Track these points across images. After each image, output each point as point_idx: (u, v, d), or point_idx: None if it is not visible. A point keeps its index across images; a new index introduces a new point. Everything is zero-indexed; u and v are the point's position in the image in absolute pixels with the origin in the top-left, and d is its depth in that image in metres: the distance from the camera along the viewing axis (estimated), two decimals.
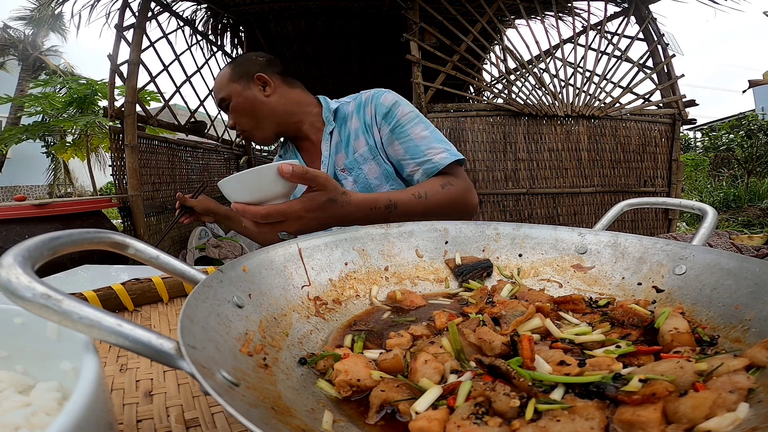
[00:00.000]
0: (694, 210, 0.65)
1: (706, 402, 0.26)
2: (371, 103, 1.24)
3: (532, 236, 0.67)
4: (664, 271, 0.53)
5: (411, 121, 1.19)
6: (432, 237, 0.68)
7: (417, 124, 1.18)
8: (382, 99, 1.23)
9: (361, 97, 1.28)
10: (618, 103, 3.68)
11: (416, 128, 1.18)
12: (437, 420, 0.29)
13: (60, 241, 0.34)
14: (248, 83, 1.23)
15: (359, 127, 1.25)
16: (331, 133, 1.28)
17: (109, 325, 0.26)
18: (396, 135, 1.19)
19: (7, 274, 0.26)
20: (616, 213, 0.71)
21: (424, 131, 1.17)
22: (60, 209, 1.96)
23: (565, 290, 0.60)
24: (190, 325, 0.30)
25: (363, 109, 1.26)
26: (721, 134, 8.63)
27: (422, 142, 1.16)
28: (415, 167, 1.16)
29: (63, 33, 14.18)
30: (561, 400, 0.31)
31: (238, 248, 3.71)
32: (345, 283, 0.58)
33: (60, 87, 8.28)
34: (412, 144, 1.16)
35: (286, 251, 0.54)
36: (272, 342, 0.40)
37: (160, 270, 0.42)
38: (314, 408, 0.32)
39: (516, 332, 0.42)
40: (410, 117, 1.19)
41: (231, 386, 0.27)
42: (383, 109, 1.21)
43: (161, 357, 0.26)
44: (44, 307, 0.25)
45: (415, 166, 1.16)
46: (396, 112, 1.20)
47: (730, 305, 0.43)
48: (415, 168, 1.16)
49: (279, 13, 4.47)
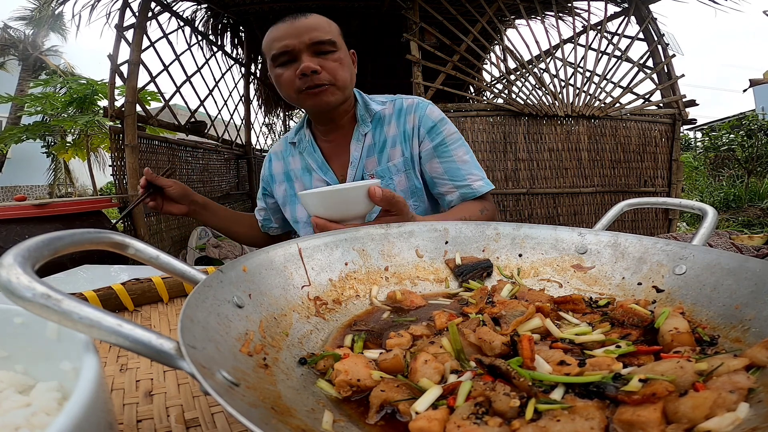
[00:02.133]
0: (694, 210, 0.65)
1: (706, 402, 0.26)
2: (414, 113, 1.21)
3: (532, 236, 0.67)
4: (664, 271, 0.53)
5: (455, 142, 1.20)
6: (432, 237, 0.68)
7: (460, 147, 1.20)
8: (428, 111, 1.21)
9: (402, 103, 1.24)
10: (618, 103, 3.68)
11: (459, 150, 1.19)
12: (437, 420, 0.29)
13: (60, 241, 0.34)
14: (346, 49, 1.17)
15: (398, 135, 1.21)
16: (365, 135, 1.22)
17: (109, 325, 0.26)
18: (438, 153, 1.18)
19: (7, 274, 0.26)
20: (616, 213, 0.71)
21: (466, 155, 1.19)
22: (60, 209, 1.96)
23: (565, 290, 0.60)
24: (190, 325, 0.30)
25: (404, 117, 1.22)
26: (722, 134, 8.63)
27: (464, 166, 1.17)
28: (451, 188, 1.18)
29: (63, 33, 14.20)
30: (561, 400, 0.31)
31: (238, 248, 3.71)
32: (345, 283, 0.58)
33: (60, 87, 8.29)
34: (454, 166, 1.17)
35: (286, 251, 0.54)
36: (272, 342, 0.40)
37: (160, 270, 0.42)
38: (314, 408, 0.32)
39: (516, 332, 0.42)
40: (455, 138, 1.20)
41: (231, 386, 0.27)
42: (429, 122, 1.19)
43: (161, 357, 0.26)
44: (44, 307, 0.25)
45: (452, 187, 1.17)
46: (442, 130, 1.19)
47: (730, 305, 0.43)
48: (452, 189, 1.18)
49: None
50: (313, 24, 1.09)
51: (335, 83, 1.12)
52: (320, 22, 1.11)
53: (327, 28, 1.11)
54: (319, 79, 1.09)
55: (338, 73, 1.12)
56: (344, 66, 1.13)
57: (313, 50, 1.09)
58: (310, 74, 1.07)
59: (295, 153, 1.31)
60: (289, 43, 1.07)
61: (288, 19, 1.10)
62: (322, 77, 1.09)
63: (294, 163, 1.31)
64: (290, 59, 1.10)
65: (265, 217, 1.42)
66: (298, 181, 1.29)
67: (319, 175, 1.26)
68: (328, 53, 1.10)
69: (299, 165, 1.30)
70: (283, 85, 1.13)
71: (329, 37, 1.10)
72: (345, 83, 1.14)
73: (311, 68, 1.06)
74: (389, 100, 1.26)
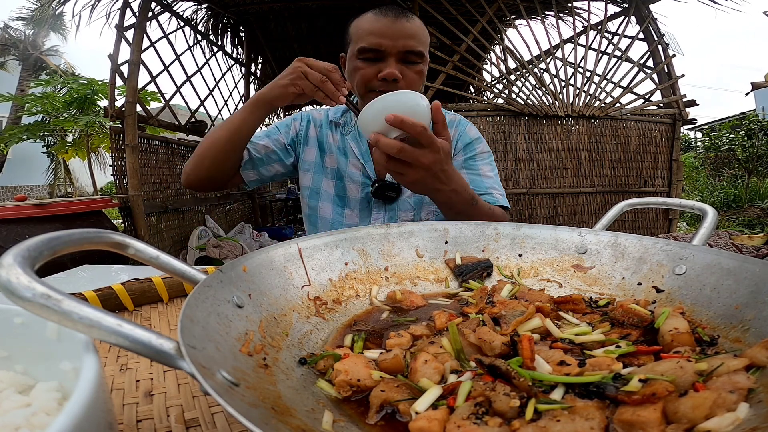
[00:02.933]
0: (694, 210, 0.65)
1: (706, 402, 0.26)
2: (456, 127, 1.28)
3: (532, 236, 0.67)
4: (664, 271, 0.53)
5: (484, 159, 1.25)
6: (432, 237, 0.68)
7: (488, 164, 1.25)
8: (467, 129, 1.28)
9: (445, 115, 1.27)
10: (618, 103, 3.69)
11: (486, 167, 1.24)
12: (437, 420, 0.29)
13: (60, 240, 0.34)
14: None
15: None
16: None
17: (109, 325, 0.26)
18: (466, 166, 1.24)
19: (7, 274, 0.26)
20: (616, 213, 0.71)
21: (491, 172, 1.24)
22: (60, 209, 1.96)
23: (565, 290, 0.60)
24: (190, 325, 0.30)
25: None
26: (722, 134, 8.65)
27: (488, 180, 1.21)
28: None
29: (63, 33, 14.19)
30: (561, 400, 0.31)
31: (238, 248, 3.71)
32: (345, 283, 0.58)
33: (60, 87, 8.27)
34: (478, 178, 1.21)
35: (286, 251, 0.54)
36: (272, 342, 0.40)
37: (160, 270, 0.42)
38: (314, 408, 0.32)
39: (516, 332, 0.42)
40: (485, 156, 1.26)
41: (231, 386, 0.27)
42: (467, 139, 1.26)
43: (161, 357, 0.26)
44: (44, 307, 0.25)
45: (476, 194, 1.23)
46: (476, 147, 1.25)
47: (730, 305, 0.43)
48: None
49: (279, 13, 4.48)
50: (411, 31, 1.08)
51: None
52: (418, 32, 1.10)
53: (422, 39, 1.11)
54: (396, 86, 1.08)
55: (415, 85, 1.13)
56: (422, 78, 1.15)
57: (402, 57, 1.09)
58: (391, 81, 1.08)
59: (336, 132, 1.30)
60: (382, 43, 1.07)
61: (389, 15, 1.08)
62: (398, 86, 1.09)
63: (331, 138, 1.29)
64: (376, 57, 1.09)
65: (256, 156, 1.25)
66: (331, 156, 1.28)
67: (358, 161, 1.25)
68: (413, 63, 1.11)
69: (337, 143, 1.28)
70: (358, 78, 1.12)
71: (420, 49, 1.10)
72: None
73: (394, 76, 1.07)
74: None
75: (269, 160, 1.27)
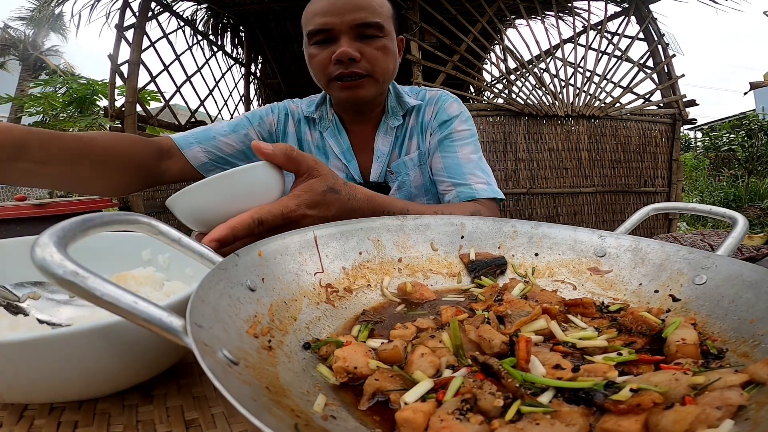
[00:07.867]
0: (725, 218, 0.62)
1: (687, 417, 0.26)
2: (434, 104, 1.12)
3: (550, 236, 0.66)
4: (684, 280, 0.51)
5: (464, 139, 1.08)
6: (448, 231, 0.69)
7: (468, 145, 1.08)
8: (447, 105, 1.11)
9: (425, 95, 1.14)
10: (618, 103, 3.65)
11: (466, 148, 1.07)
12: (422, 412, 0.30)
13: (92, 222, 0.37)
14: (395, 34, 1.04)
15: (416, 126, 1.12)
16: (394, 128, 1.12)
17: (126, 302, 0.29)
18: (441, 148, 1.08)
19: (42, 252, 0.29)
20: (641, 216, 0.69)
21: (473, 154, 1.07)
22: (60, 209, 1.98)
23: (579, 293, 0.59)
24: (201, 305, 0.33)
25: (424, 109, 1.13)
26: (722, 134, 8.46)
27: (467, 164, 1.05)
28: (449, 187, 1.06)
29: (63, 33, 14.19)
30: (547, 404, 0.31)
31: None
32: (358, 272, 0.60)
33: (60, 87, 8.02)
34: (455, 162, 1.06)
35: (302, 238, 0.56)
36: (280, 326, 0.42)
37: (181, 252, 0.45)
38: (309, 391, 0.34)
39: (517, 332, 0.43)
40: (464, 135, 1.09)
41: (230, 364, 0.29)
42: (443, 116, 1.10)
43: (170, 332, 0.29)
44: (72, 283, 0.28)
45: (450, 185, 1.06)
46: (452, 124, 1.09)
47: (745, 319, 0.41)
48: (449, 188, 1.06)
49: (279, 13, 4.48)
50: (361, 2, 0.95)
51: (373, 74, 0.99)
52: (372, 2, 0.97)
53: (376, 9, 0.97)
54: (357, 67, 0.96)
55: (379, 63, 0.99)
56: (388, 55, 1.00)
57: (356, 33, 0.96)
58: (347, 61, 0.95)
59: (314, 129, 1.16)
60: (329, 21, 0.94)
61: None
62: (359, 66, 0.97)
63: (309, 135, 1.16)
64: (327, 38, 0.97)
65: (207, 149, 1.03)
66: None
67: (340, 162, 1.13)
68: (372, 38, 0.97)
69: (316, 142, 1.16)
70: (315, 68, 1.02)
71: (377, 20, 0.96)
72: (385, 75, 1.02)
73: (349, 55, 0.94)
74: (412, 92, 1.18)
75: (235, 160, 1.08)
